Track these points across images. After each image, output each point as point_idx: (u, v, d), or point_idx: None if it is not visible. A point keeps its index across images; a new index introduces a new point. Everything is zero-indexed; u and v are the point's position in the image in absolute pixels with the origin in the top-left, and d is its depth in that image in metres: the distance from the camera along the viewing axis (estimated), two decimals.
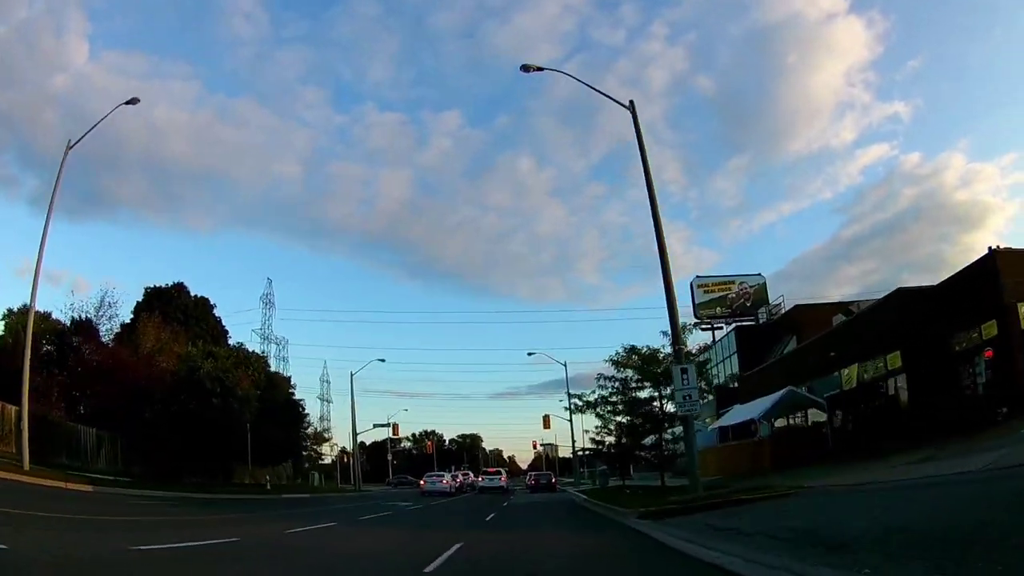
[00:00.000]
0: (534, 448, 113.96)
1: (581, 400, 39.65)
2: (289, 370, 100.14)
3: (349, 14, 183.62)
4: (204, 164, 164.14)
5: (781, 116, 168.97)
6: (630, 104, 24.61)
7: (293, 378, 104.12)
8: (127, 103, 35.42)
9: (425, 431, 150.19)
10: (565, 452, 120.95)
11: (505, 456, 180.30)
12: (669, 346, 30.52)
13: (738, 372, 50.97)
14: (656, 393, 30.54)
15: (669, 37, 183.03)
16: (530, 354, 65.09)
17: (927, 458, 20.46)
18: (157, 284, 66.07)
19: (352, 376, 69.72)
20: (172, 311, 63.34)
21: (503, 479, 55.59)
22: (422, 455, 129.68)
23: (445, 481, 49.72)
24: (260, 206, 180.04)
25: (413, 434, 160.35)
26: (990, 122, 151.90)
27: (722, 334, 59.68)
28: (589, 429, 39.62)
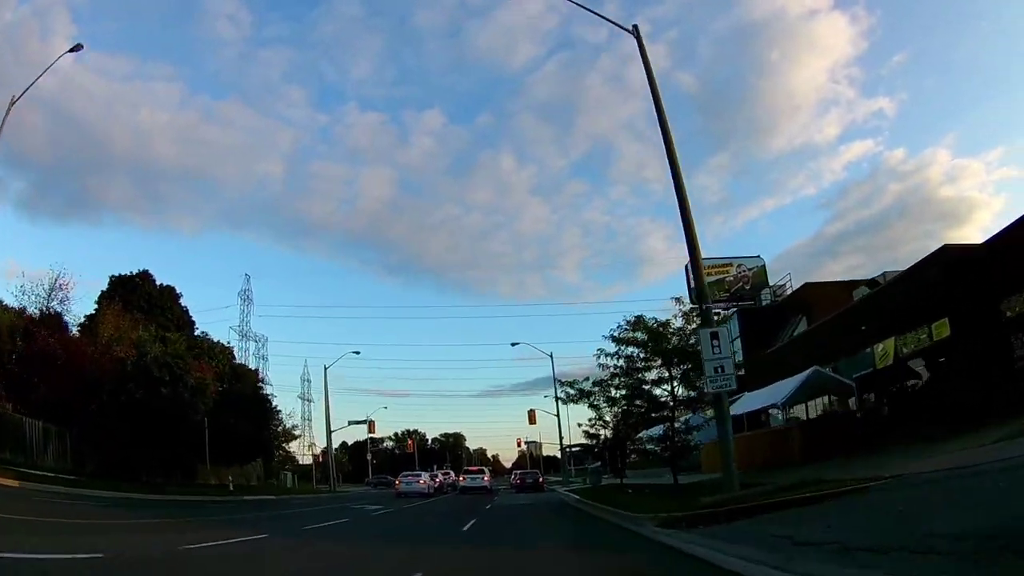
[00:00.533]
0: (518, 446, 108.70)
1: (573, 388, 34.81)
2: (268, 368, 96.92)
3: (332, 14, 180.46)
4: (188, 165, 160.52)
5: (764, 112, 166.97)
6: (634, 29, 20.08)
7: (271, 375, 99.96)
8: (70, 51, 33.31)
9: (407, 430, 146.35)
10: (550, 450, 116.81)
11: (489, 455, 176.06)
12: (680, 317, 25.96)
13: (742, 359, 46.55)
14: (666, 373, 25.58)
15: (650, 34, 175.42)
16: (514, 344, 60.60)
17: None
18: (122, 273, 61.55)
19: (326, 370, 64.91)
20: (135, 299, 58.95)
21: (486, 478, 50.72)
22: (404, 455, 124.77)
23: (422, 481, 44.82)
24: (243, 206, 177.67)
25: (396, 433, 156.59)
26: (976, 117, 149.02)
27: (719, 319, 54.99)
28: (583, 422, 34.02)
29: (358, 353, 63.51)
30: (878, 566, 6.69)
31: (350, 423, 71.43)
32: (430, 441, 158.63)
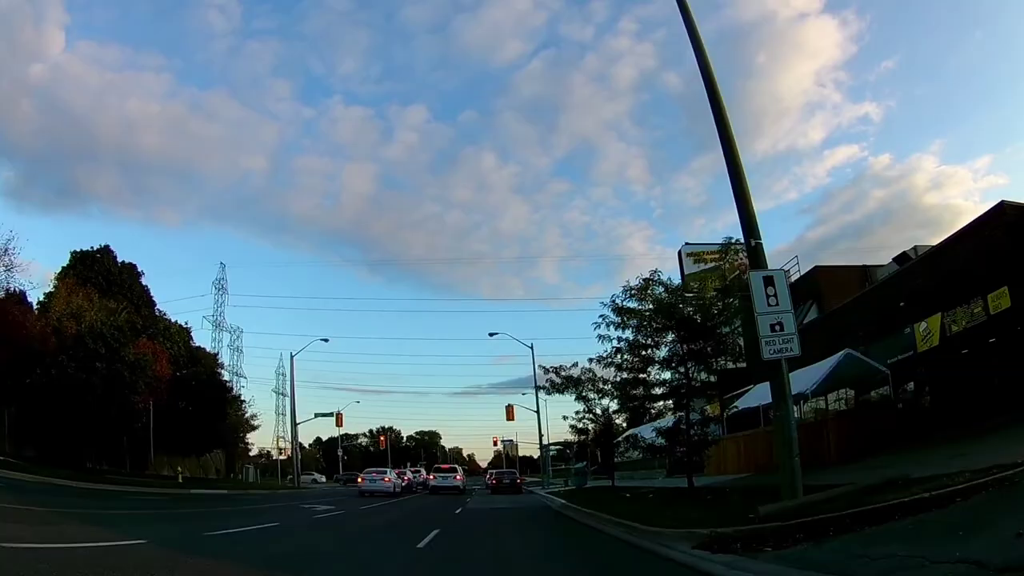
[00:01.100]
0: (495, 445, 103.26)
1: (559, 376, 29.96)
2: (243, 361, 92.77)
3: (320, 7, 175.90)
4: (174, 156, 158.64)
5: (749, 115, 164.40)
6: None
7: (245, 368, 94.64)
8: None
9: (382, 427, 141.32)
10: (528, 450, 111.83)
11: (465, 454, 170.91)
12: (681, 283, 21.20)
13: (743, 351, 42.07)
14: (682, 350, 20.54)
15: (638, 33, 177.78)
16: (492, 335, 55.58)
17: None
18: (84, 248, 56.59)
19: (292, 357, 59.47)
20: (93, 275, 53.81)
21: (458, 477, 45.61)
22: (379, 452, 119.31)
23: (387, 479, 39.79)
24: (226, 200, 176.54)
25: (370, 430, 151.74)
26: (965, 125, 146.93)
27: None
28: (568, 414, 28.64)
29: (327, 341, 58.37)
30: None
31: (316, 415, 66.17)
32: (405, 439, 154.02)
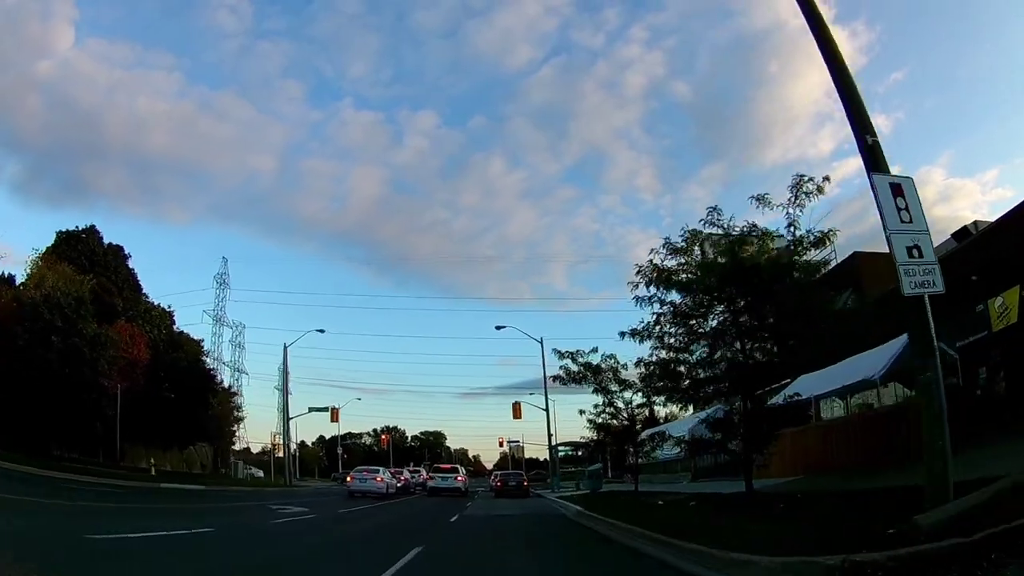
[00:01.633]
0: (500, 446, 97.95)
1: (576, 363, 25.50)
2: (245, 357, 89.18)
3: (330, 10, 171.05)
4: (182, 155, 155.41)
5: (758, 124, 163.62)
6: None
7: (247, 364, 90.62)
8: None
9: (386, 426, 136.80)
10: (533, 452, 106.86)
11: (470, 455, 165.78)
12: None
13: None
14: (740, 318, 15.73)
15: (648, 41, 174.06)
16: (499, 327, 50.63)
17: None
18: (69, 228, 53.30)
19: (286, 348, 54.83)
20: (76, 255, 50.10)
21: (460, 479, 40.64)
22: (383, 451, 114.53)
23: (379, 479, 34.95)
24: (233, 199, 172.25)
25: (374, 429, 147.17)
26: (974, 137, 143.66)
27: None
28: (585, 408, 23.62)
29: (322, 331, 54.50)
30: None
31: (311, 410, 61.67)
32: (410, 439, 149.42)
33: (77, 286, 35.58)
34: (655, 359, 17.41)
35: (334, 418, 64.08)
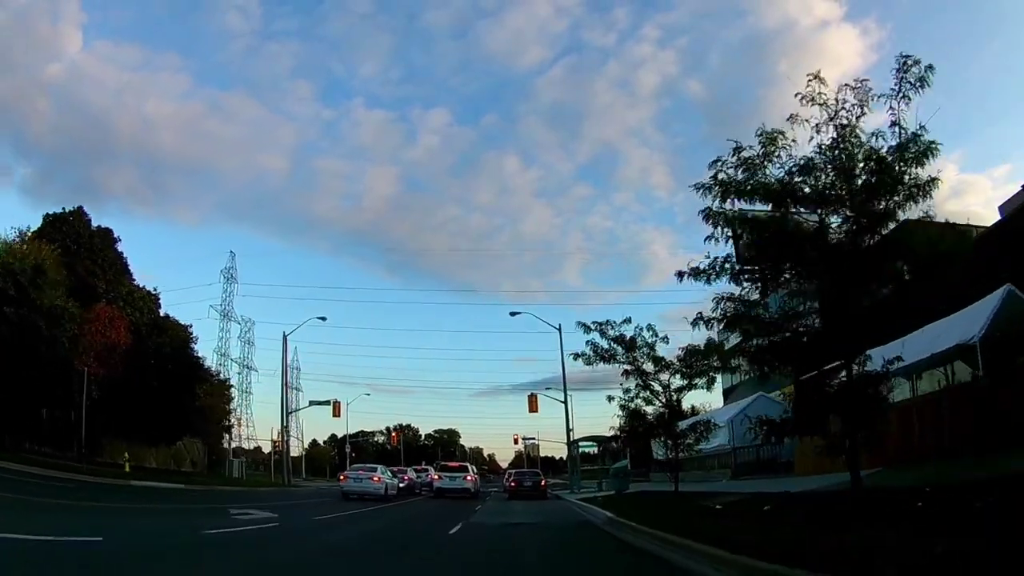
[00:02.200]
0: (515, 443, 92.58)
1: (605, 336, 20.83)
2: (254, 354, 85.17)
3: (341, 9, 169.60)
4: (192, 156, 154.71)
5: (769, 122, 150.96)
6: None
7: (256, 361, 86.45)
8: None
9: (399, 424, 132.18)
10: (550, 450, 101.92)
11: (485, 454, 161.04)
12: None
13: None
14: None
15: (660, 40, 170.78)
16: (513, 314, 45.93)
17: None
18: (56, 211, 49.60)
19: (285, 337, 50.32)
20: (61, 237, 46.25)
21: (469, 478, 35.47)
22: (395, 449, 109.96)
23: (377, 478, 29.91)
24: (245, 199, 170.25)
25: (387, 427, 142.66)
26: (986, 133, 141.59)
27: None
28: (615, 395, 18.50)
29: (324, 319, 49.94)
30: None
31: (311, 403, 57.23)
32: (423, 437, 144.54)
33: (35, 251, 31.14)
34: (731, 296, 12.38)
35: (336, 413, 59.48)
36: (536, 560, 10.76)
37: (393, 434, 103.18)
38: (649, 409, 21.21)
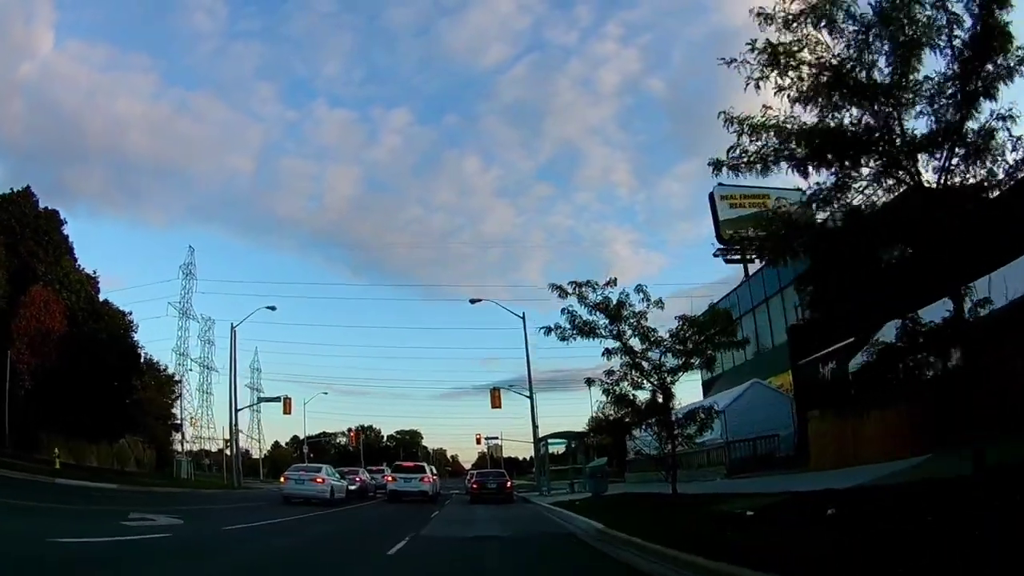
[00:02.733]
0: (478, 443, 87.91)
1: (584, 301, 17.01)
2: (215, 353, 78.71)
3: (304, 9, 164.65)
4: (160, 157, 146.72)
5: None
6: None
7: (216, 361, 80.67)
8: None
9: (362, 426, 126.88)
10: (514, 450, 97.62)
11: (449, 455, 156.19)
12: None
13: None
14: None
15: (623, 38, 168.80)
16: (474, 301, 42.09)
17: None
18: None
19: (234, 329, 45.65)
20: (7, 219, 42.42)
21: (426, 479, 30.64)
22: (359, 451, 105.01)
23: (320, 480, 25.59)
24: (212, 201, 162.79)
25: (349, 428, 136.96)
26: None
27: (757, 268, 37.67)
28: (595, 378, 14.35)
29: (273, 308, 45.29)
30: None
31: (260, 400, 52.72)
32: (385, 438, 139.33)
33: None
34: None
35: (287, 410, 54.71)
36: None
37: (351, 434, 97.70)
38: (638, 394, 17.38)
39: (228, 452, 52.16)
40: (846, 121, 8.21)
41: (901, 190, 8.26)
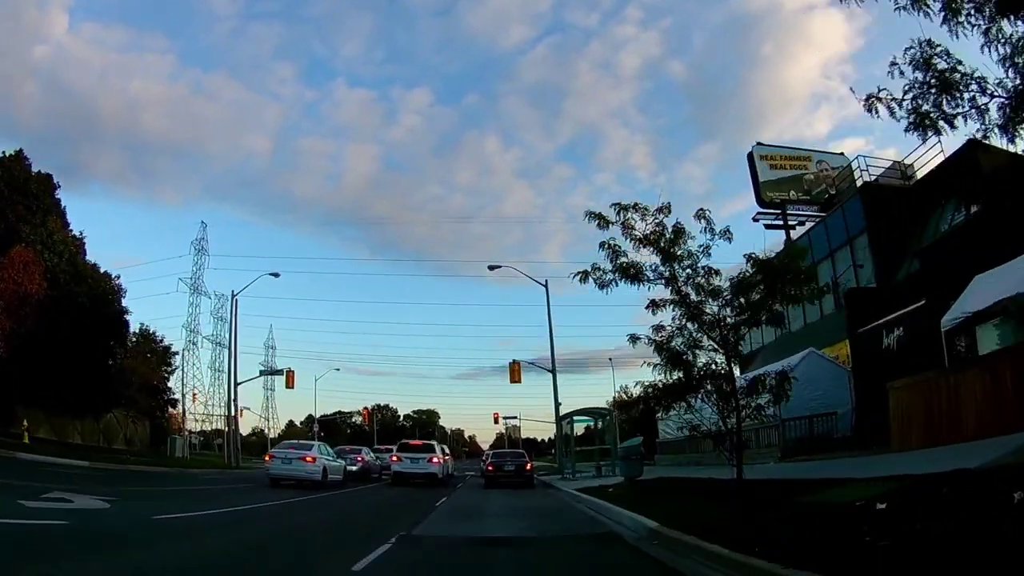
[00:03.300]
0: (496, 422, 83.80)
1: (630, 232, 12.94)
2: (227, 331, 75.67)
3: None
4: (176, 137, 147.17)
5: (753, 105, 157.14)
6: None
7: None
8: None
9: (378, 404, 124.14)
10: (533, 431, 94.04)
11: (466, 436, 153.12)
12: None
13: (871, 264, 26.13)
14: None
15: (643, 21, 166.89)
16: (492, 268, 38.69)
17: None
18: None
19: (234, 296, 42.36)
20: None
21: (435, 460, 26.49)
22: (378, 431, 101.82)
23: (310, 459, 21.77)
24: (229, 180, 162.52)
25: (365, 408, 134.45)
26: None
27: (803, 230, 34.68)
28: (640, 335, 10.21)
29: (277, 275, 41.62)
30: None
31: (261, 373, 49.62)
32: (402, 418, 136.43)
33: None
34: None
35: (289, 383, 51.34)
36: None
37: (364, 410, 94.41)
38: (698, 355, 13.42)
39: (227, 429, 48.81)
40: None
41: None
